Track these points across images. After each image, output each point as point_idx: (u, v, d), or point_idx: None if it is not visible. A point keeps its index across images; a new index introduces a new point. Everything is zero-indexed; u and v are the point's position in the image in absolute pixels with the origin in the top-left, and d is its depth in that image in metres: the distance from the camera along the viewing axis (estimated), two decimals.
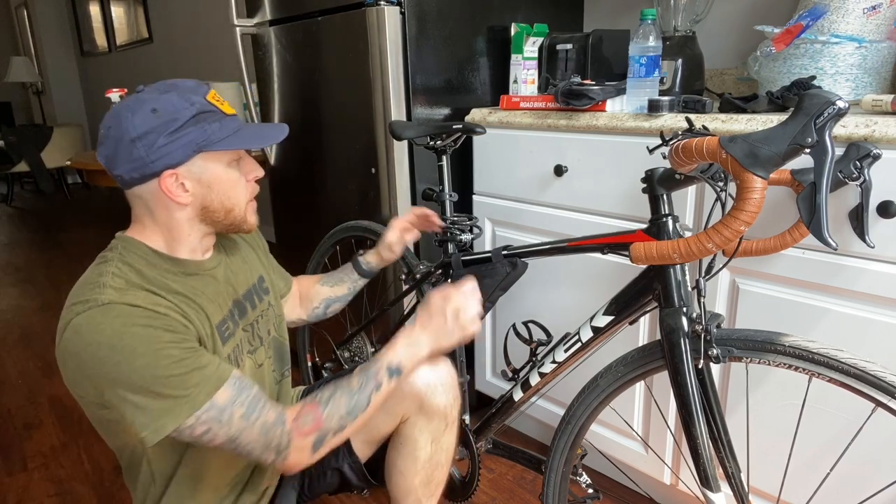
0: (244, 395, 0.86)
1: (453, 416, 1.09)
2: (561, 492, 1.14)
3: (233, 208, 0.93)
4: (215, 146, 0.87)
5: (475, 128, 1.25)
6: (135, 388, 0.79)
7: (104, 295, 0.81)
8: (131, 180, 0.86)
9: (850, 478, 1.09)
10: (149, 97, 0.84)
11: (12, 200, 6.18)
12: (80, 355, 0.79)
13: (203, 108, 0.86)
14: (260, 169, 0.97)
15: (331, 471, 1.13)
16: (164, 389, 0.79)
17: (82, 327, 0.79)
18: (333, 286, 1.32)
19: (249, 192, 0.96)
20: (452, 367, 1.09)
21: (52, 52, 6.86)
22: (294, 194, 2.01)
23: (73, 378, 0.83)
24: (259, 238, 1.17)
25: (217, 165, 0.89)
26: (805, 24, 1.18)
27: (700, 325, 0.89)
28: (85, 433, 1.96)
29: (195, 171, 0.87)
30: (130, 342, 0.78)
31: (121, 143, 0.83)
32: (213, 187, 0.90)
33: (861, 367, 0.77)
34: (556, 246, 1.11)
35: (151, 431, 0.80)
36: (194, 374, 0.82)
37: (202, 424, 0.82)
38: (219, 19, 3.80)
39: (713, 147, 0.73)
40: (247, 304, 1.03)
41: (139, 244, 0.89)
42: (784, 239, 0.96)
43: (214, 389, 0.83)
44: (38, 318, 2.99)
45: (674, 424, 1.33)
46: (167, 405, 0.80)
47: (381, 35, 1.50)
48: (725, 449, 0.93)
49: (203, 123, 0.86)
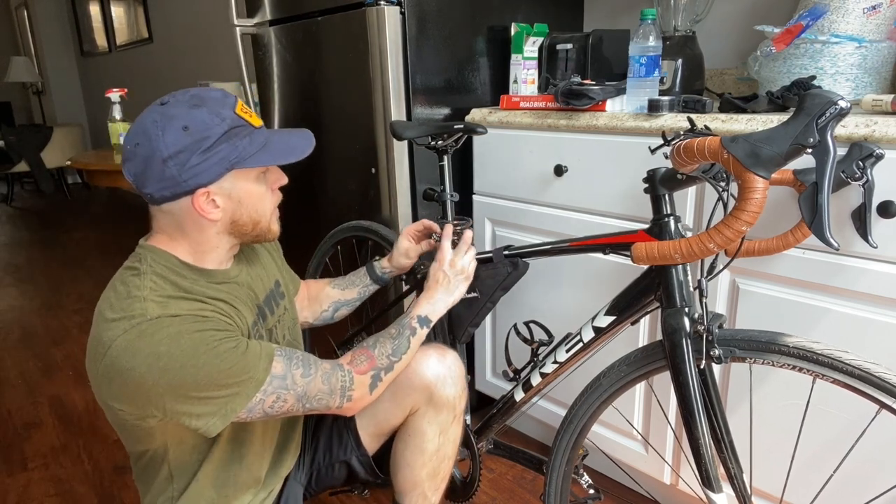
0: (295, 358, 0.91)
1: (461, 408, 1.11)
2: (563, 492, 1.14)
3: (260, 220, 0.94)
4: (247, 162, 0.86)
5: (476, 128, 1.25)
6: (201, 386, 0.81)
7: (149, 310, 0.81)
8: (161, 198, 0.85)
9: (854, 479, 1.08)
10: (178, 112, 0.83)
11: (12, 200, 6.18)
12: (135, 370, 0.79)
13: (233, 123, 0.86)
14: (284, 177, 0.98)
15: (339, 464, 1.14)
16: (228, 379, 0.83)
17: (135, 343, 0.79)
18: (344, 289, 1.32)
19: (275, 201, 0.97)
20: (458, 357, 1.11)
21: (52, 52, 6.86)
22: (294, 194, 2.00)
23: (118, 393, 0.82)
24: (276, 243, 1.17)
25: (247, 180, 0.90)
26: (805, 24, 1.18)
27: (702, 325, 0.89)
28: (85, 433, 1.96)
29: (226, 187, 0.87)
30: (189, 345, 0.80)
31: (151, 162, 0.82)
32: (243, 202, 0.90)
33: (865, 369, 0.77)
34: (557, 246, 1.11)
35: (220, 417, 0.84)
36: (250, 358, 0.85)
37: (270, 395, 0.87)
38: (219, 19, 3.80)
39: (715, 147, 0.73)
40: (266, 309, 1.04)
41: (168, 255, 0.89)
42: (787, 239, 0.96)
43: (269, 364, 0.87)
44: (38, 318, 2.98)
45: (675, 424, 1.33)
46: (234, 390, 0.84)
47: (381, 35, 1.50)
48: (727, 449, 0.92)
49: (234, 139, 0.85)
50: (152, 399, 0.81)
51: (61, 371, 2.41)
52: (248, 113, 0.90)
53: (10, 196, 6.18)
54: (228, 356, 0.82)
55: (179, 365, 0.79)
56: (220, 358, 0.82)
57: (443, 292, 1.09)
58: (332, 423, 1.17)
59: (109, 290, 0.86)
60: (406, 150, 1.60)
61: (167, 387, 0.80)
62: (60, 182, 6.41)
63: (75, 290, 3.39)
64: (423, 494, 1.13)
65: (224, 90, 0.90)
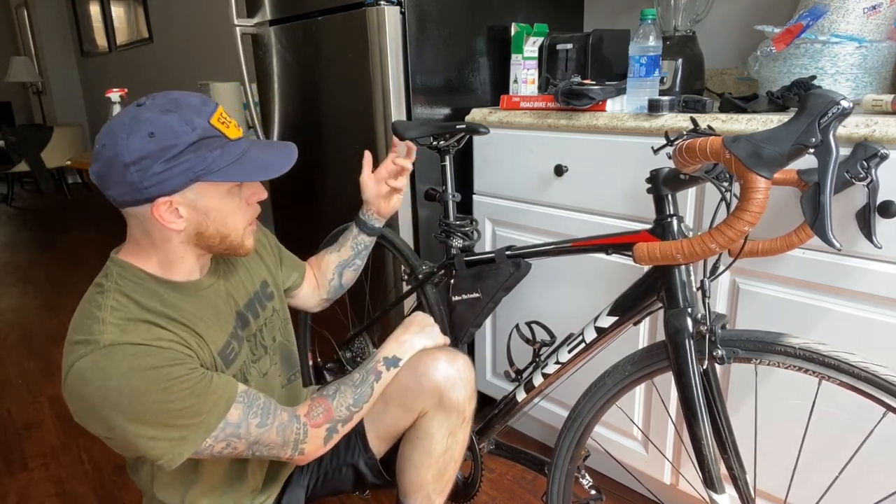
0: (255, 406, 0.89)
1: (470, 412, 1.10)
2: (565, 491, 1.13)
3: (229, 234, 0.90)
4: (214, 175, 0.83)
5: (478, 128, 1.24)
6: (148, 423, 0.80)
7: (105, 335, 0.80)
8: (123, 202, 0.83)
9: (858, 482, 1.08)
10: (148, 117, 0.80)
11: (12, 200, 6.17)
12: (88, 399, 0.79)
13: (205, 133, 0.82)
14: (263, 191, 0.93)
15: (346, 467, 1.13)
16: (177, 421, 0.81)
17: (87, 372, 0.79)
18: (340, 250, 1.28)
19: (249, 216, 0.93)
20: (469, 361, 1.10)
21: (52, 52, 6.85)
22: (294, 194, 2.00)
23: (81, 415, 0.83)
24: (265, 237, 1.14)
25: (214, 194, 0.85)
26: (805, 24, 1.18)
27: (705, 325, 0.89)
28: (85, 433, 1.96)
29: (191, 197, 0.84)
30: (139, 383, 0.78)
31: (114, 165, 0.79)
32: (209, 214, 0.86)
33: (872, 371, 0.77)
34: (559, 246, 1.11)
35: (168, 459, 0.82)
36: (205, 401, 0.83)
37: (220, 442, 0.85)
38: (219, 19, 3.80)
39: (717, 147, 0.73)
40: (249, 314, 1.02)
41: (135, 270, 0.87)
42: (790, 239, 0.95)
43: (225, 411, 0.85)
44: (38, 318, 2.98)
45: (676, 423, 1.33)
46: (182, 434, 0.82)
47: (381, 35, 1.50)
48: (730, 450, 0.92)
49: (204, 151, 0.81)
50: (105, 426, 0.81)
51: (61, 371, 2.41)
52: (226, 123, 0.85)
53: (10, 196, 6.17)
54: (180, 398, 0.80)
55: (128, 401, 0.78)
56: (171, 398, 0.80)
57: (417, 334, 1.08)
58: None
59: (78, 308, 0.86)
60: None
61: (117, 420, 0.79)
62: (60, 182, 6.41)
63: (75, 290, 3.39)
64: (428, 497, 1.12)
65: (204, 97, 0.86)
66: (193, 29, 4.19)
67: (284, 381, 1.11)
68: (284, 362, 1.11)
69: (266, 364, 1.05)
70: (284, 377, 1.11)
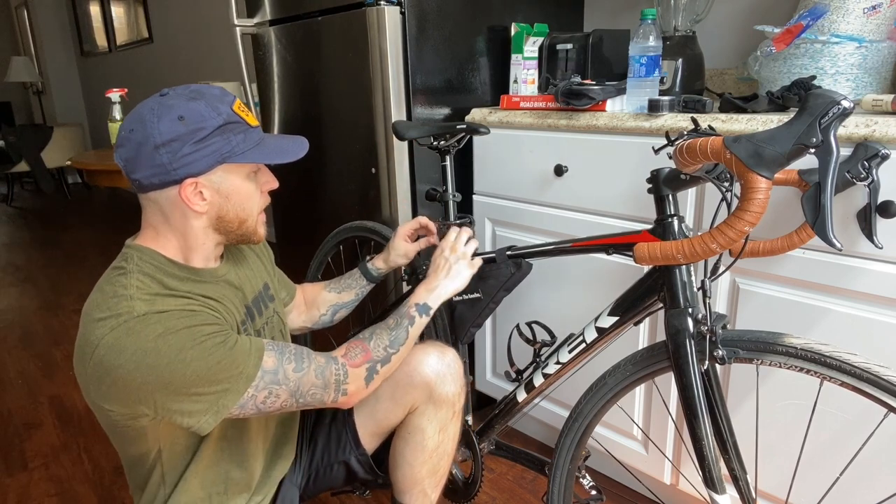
0: (287, 352, 0.91)
1: (460, 405, 1.12)
2: (566, 492, 1.13)
3: (246, 219, 0.94)
4: (238, 158, 0.87)
5: (479, 128, 1.24)
6: (190, 383, 0.81)
7: (136, 308, 0.81)
8: (150, 185, 0.86)
9: (859, 482, 1.08)
10: (175, 103, 0.84)
11: (12, 200, 6.17)
12: (123, 367, 0.79)
13: (229, 118, 0.87)
14: (275, 181, 0.98)
15: (337, 464, 1.14)
16: (217, 375, 0.82)
17: (121, 340, 0.79)
18: (341, 292, 1.31)
19: (263, 203, 0.97)
20: (457, 355, 1.12)
21: (52, 52, 6.85)
22: (294, 194, 2.00)
23: (107, 393, 0.82)
24: (265, 248, 1.17)
25: (237, 176, 0.90)
26: (805, 24, 1.18)
27: (705, 325, 0.89)
28: (85, 433, 1.96)
29: (215, 180, 0.88)
30: (176, 341, 0.80)
31: (143, 148, 0.83)
32: (230, 198, 0.90)
33: (874, 372, 0.77)
34: (560, 246, 1.11)
35: (212, 414, 0.84)
36: (238, 353, 0.85)
37: (262, 391, 0.87)
38: (219, 19, 3.80)
39: (717, 147, 0.73)
40: (255, 310, 1.04)
41: (154, 254, 0.89)
42: (791, 239, 0.95)
43: (259, 359, 0.87)
44: (38, 318, 2.98)
45: (676, 423, 1.33)
46: (224, 386, 0.84)
47: (381, 35, 1.50)
48: (731, 450, 0.92)
49: (228, 134, 0.86)
50: (141, 397, 0.81)
51: (61, 371, 2.41)
52: (246, 112, 0.91)
53: (10, 196, 6.17)
54: (217, 351, 0.82)
55: (167, 361, 0.79)
56: (208, 353, 0.81)
57: (444, 278, 1.09)
58: (329, 423, 1.16)
59: (96, 292, 0.86)
60: (406, 150, 1.60)
61: (156, 384, 0.80)
62: (60, 182, 6.41)
63: (75, 290, 3.39)
64: (423, 492, 1.13)
65: (223, 88, 0.91)
66: (193, 29, 4.19)
67: None
68: None
69: None
70: None
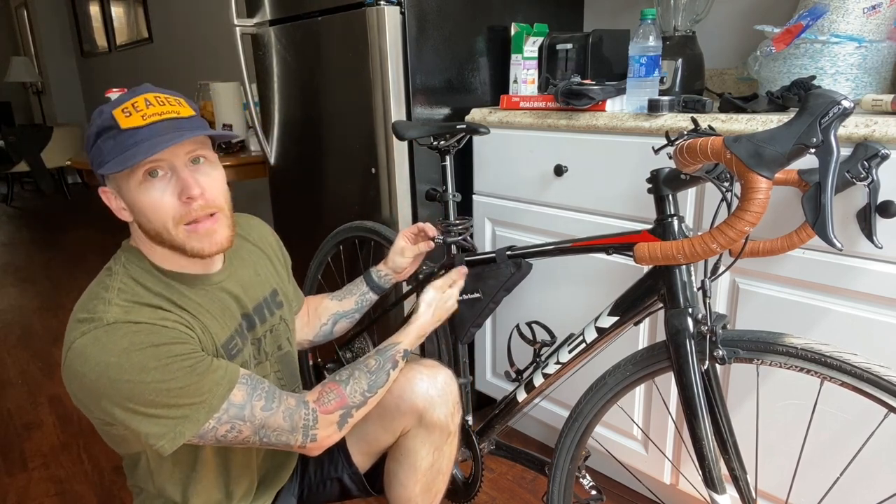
0: (259, 388, 0.87)
1: (454, 426, 1.08)
2: (566, 491, 1.13)
3: (160, 231, 0.84)
4: (102, 168, 0.81)
5: (479, 128, 1.24)
6: (148, 403, 0.78)
7: (109, 313, 0.80)
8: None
9: (860, 482, 1.08)
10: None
11: (12, 200, 6.17)
12: (87, 376, 0.78)
13: (103, 124, 0.81)
14: (193, 188, 0.82)
15: (330, 480, 1.12)
16: (178, 399, 0.79)
17: (87, 348, 0.78)
18: (342, 300, 1.29)
19: (178, 214, 0.83)
20: (451, 375, 1.08)
21: (52, 52, 6.85)
22: (293, 194, 2.00)
23: (79, 397, 0.82)
24: (281, 252, 1.15)
25: (128, 186, 0.82)
26: (805, 24, 1.18)
27: (705, 325, 0.88)
28: (85, 433, 1.96)
29: (116, 189, 0.85)
30: (139, 359, 0.77)
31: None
32: (134, 208, 0.84)
33: (874, 372, 0.77)
34: (560, 246, 1.11)
35: (169, 440, 0.80)
36: (207, 380, 0.82)
37: (224, 424, 0.84)
38: (219, 19, 3.79)
39: (717, 147, 0.73)
40: (256, 317, 1.01)
41: (142, 257, 0.88)
42: (791, 239, 0.95)
43: (228, 391, 0.84)
44: (38, 318, 2.98)
45: (676, 422, 1.33)
46: (184, 413, 0.80)
47: (381, 35, 1.50)
48: (731, 450, 0.92)
49: (100, 142, 0.82)
50: (104, 407, 0.79)
51: (61, 371, 2.41)
52: (129, 110, 0.81)
53: (10, 196, 6.17)
54: (181, 376, 0.79)
55: (127, 378, 0.77)
56: (171, 377, 0.78)
57: (432, 319, 1.07)
58: None
59: (87, 289, 0.86)
60: (406, 150, 1.60)
61: (116, 398, 0.78)
62: (60, 182, 6.40)
63: (75, 289, 3.39)
64: None
65: (143, 87, 0.85)
66: (193, 29, 4.19)
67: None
68: (286, 374, 1.09)
69: (266, 370, 1.03)
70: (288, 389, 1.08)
